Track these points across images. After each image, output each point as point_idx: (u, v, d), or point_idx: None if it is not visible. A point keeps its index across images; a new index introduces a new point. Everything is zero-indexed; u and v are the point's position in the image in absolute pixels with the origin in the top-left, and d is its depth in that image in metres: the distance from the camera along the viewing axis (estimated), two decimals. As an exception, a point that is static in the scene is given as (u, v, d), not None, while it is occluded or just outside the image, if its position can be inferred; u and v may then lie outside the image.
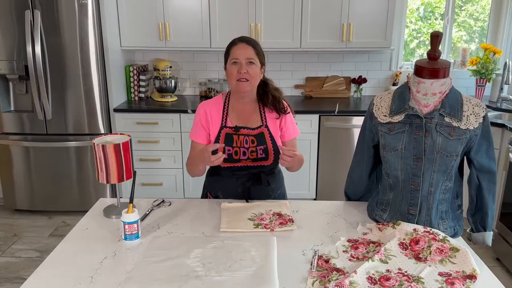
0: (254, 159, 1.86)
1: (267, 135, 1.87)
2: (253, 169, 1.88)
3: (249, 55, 1.79)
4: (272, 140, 1.87)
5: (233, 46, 1.81)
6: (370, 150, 1.72)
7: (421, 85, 1.51)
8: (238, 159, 1.85)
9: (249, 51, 1.79)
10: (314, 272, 1.35)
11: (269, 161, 1.88)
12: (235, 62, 1.79)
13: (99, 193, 3.54)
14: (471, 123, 1.50)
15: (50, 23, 3.21)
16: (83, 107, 3.39)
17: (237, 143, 1.84)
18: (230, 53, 1.80)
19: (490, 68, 3.68)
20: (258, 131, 1.86)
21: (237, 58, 1.78)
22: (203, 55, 4.01)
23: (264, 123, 1.88)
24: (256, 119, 1.89)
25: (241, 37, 1.85)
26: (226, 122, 1.87)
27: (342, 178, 3.48)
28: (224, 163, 1.84)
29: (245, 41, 1.81)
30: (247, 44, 1.80)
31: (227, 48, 1.84)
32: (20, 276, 2.77)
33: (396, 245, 1.47)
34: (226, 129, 1.86)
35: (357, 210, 1.80)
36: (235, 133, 1.85)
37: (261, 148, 1.85)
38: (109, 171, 1.65)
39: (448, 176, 1.54)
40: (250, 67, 1.79)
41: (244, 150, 1.85)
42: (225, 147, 1.83)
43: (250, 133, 1.85)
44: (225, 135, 1.85)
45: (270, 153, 1.87)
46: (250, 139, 1.85)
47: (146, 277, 1.31)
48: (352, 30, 3.58)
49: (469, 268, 1.34)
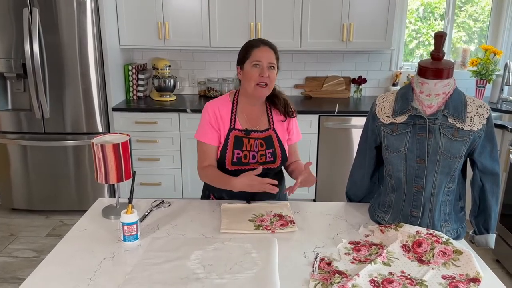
0: (263, 163, 1.84)
1: (274, 138, 1.85)
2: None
3: (271, 59, 1.75)
4: (279, 143, 1.86)
5: (255, 48, 1.75)
6: (372, 151, 1.70)
7: (424, 85, 1.49)
8: (246, 163, 1.83)
9: (271, 55, 1.75)
10: (316, 274, 1.33)
11: (276, 164, 1.87)
12: (256, 64, 1.74)
13: (96, 193, 3.51)
14: (474, 125, 1.48)
15: (49, 21, 3.19)
16: (81, 106, 3.36)
17: (246, 147, 1.81)
18: (251, 55, 1.74)
19: (491, 69, 3.67)
20: (266, 134, 1.84)
21: (260, 60, 1.73)
22: (202, 54, 4.00)
23: (271, 126, 1.86)
24: (264, 122, 1.86)
25: (261, 39, 1.80)
26: (235, 124, 1.83)
27: (341, 178, 3.49)
28: (232, 166, 1.82)
29: (267, 44, 1.77)
30: (270, 47, 1.76)
31: (245, 48, 1.78)
32: (17, 276, 2.75)
33: (399, 247, 1.45)
34: (236, 131, 1.82)
35: (358, 212, 1.78)
36: (245, 137, 1.82)
37: (270, 152, 1.84)
38: (108, 171, 1.63)
39: (451, 178, 1.53)
40: (271, 72, 1.75)
41: (253, 153, 1.82)
42: (234, 150, 1.80)
43: (259, 136, 1.83)
44: (234, 137, 1.81)
45: (278, 157, 1.85)
46: (259, 142, 1.82)
47: (146, 279, 1.29)
48: (352, 30, 3.56)
49: (473, 271, 1.33)
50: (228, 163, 1.81)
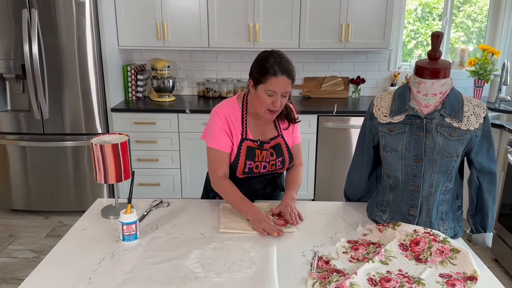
0: (273, 171, 1.86)
1: (283, 145, 1.85)
2: (268, 175, 1.89)
3: (286, 89, 1.66)
4: (287, 149, 1.86)
5: (273, 77, 1.63)
6: (370, 150, 1.71)
7: (421, 85, 1.50)
8: (257, 172, 1.83)
9: (287, 86, 1.66)
10: (314, 273, 1.34)
11: (284, 169, 1.90)
12: (271, 93, 1.66)
13: (96, 193, 3.52)
14: (471, 124, 1.49)
15: (48, 22, 3.19)
16: (80, 106, 3.37)
17: (259, 158, 1.80)
18: (267, 82, 1.64)
19: (489, 69, 3.69)
20: (275, 142, 1.84)
21: (275, 91, 1.65)
22: (201, 55, 4.00)
23: (280, 133, 1.86)
24: (271, 129, 1.85)
25: (282, 66, 1.64)
26: (247, 134, 1.80)
27: (340, 178, 3.49)
28: (243, 175, 1.82)
29: (286, 73, 1.63)
30: (288, 77, 1.64)
31: (263, 70, 1.65)
32: (16, 277, 2.75)
33: (397, 246, 1.46)
34: (248, 142, 1.79)
35: (356, 211, 1.79)
36: (258, 148, 1.80)
37: (279, 160, 1.84)
38: (107, 171, 1.63)
39: (449, 177, 1.53)
40: (283, 99, 1.70)
41: (265, 164, 1.82)
42: (247, 161, 1.79)
43: (270, 145, 1.83)
44: (246, 148, 1.78)
45: (286, 163, 1.87)
46: (270, 152, 1.82)
47: (145, 278, 1.29)
48: (350, 31, 3.57)
49: (470, 269, 1.34)
50: (240, 172, 1.81)
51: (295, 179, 1.89)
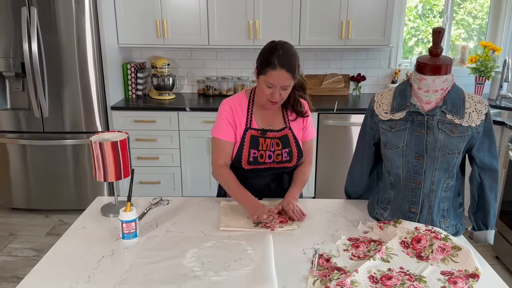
0: (279, 162, 1.83)
1: (291, 137, 1.84)
2: (276, 170, 1.86)
3: (286, 82, 1.66)
4: (296, 142, 1.85)
5: (271, 70, 1.63)
6: (370, 147, 1.70)
7: (422, 81, 1.49)
8: (263, 162, 1.82)
9: (286, 78, 1.65)
10: (315, 271, 1.33)
11: (292, 162, 1.86)
12: (269, 85, 1.67)
13: (96, 192, 3.51)
14: (473, 120, 1.48)
15: (47, 20, 3.18)
16: (80, 104, 3.36)
17: (263, 146, 1.80)
18: (267, 74, 1.65)
19: (490, 66, 3.67)
20: (282, 133, 1.83)
21: (273, 84, 1.66)
22: (201, 52, 3.99)
23: (287, 125, 1.85)
24: (279, 120, 1.85)
25: (283, 59, 1.64)
26: (251, 123, 1.81)
27: (341, 176, 3.48)
28: (249, 165, 1.81)
29: (285, 67, 1.63)
30: (287, 71, 1.64)
31: (264, 61, 1.66)
32: (17, 275, 2.75)
33: (398, 243, 1.45)
34: (252, 131, 1.80)
35: (357, 209, 1.79)
36: (261, 136, 1.80)
37: (286, 151, 1.83)
38: (107, 169, 1.63)
39: (450, 174, 1.52)
40: (283, 92, 1.70)
41: (269, 153, 1.81)
42: (250, 149, 1.79)
43: (275, 135, 1.82)
44: (250, 137, 1.79)
45: (294, 156, 1.85)
46: (275, 142, 1.81)
47: (143, 278, 1.28)
48: (351, 28, 3.56)
49: (472, 267, 1.33)
50: (245, 162, 1.80)
51: (300, 178, 1.88)
